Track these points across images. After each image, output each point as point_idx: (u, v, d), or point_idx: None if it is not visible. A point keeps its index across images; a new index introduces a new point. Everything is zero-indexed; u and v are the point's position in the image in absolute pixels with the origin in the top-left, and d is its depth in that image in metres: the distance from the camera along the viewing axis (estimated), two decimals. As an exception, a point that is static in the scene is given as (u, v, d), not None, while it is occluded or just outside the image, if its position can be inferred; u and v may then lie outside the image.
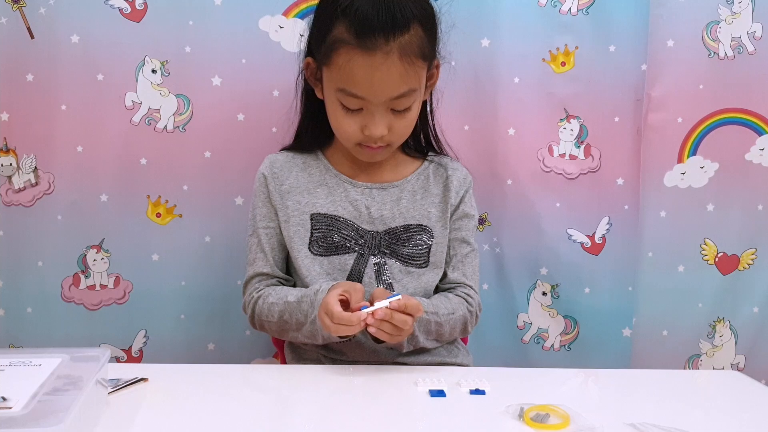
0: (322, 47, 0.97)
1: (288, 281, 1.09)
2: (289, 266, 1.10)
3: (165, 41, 1.22)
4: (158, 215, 1.28)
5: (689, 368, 1.43)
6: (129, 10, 1.21)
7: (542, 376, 1.01)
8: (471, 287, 1.09)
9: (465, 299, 1.07)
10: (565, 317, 1.38)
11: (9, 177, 1.23)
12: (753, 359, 1.44)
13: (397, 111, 0.99)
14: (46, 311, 1.26)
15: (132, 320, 1.30)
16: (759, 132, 1.37)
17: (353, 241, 1.05)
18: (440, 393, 0.84)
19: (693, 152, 1.36)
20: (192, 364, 0.96)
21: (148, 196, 1.27)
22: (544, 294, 1.37)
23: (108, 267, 1.27)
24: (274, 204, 1.07)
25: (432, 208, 1.09)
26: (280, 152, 1.13)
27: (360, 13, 0.92)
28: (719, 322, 1.42)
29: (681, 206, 1.38)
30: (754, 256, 1.41)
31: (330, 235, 1.05)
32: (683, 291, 1.40)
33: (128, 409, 0.77)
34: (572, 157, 1.34)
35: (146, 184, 1.26)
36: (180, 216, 1.28)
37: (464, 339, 1.16)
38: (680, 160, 1.36)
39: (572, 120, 1.33)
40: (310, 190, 1.08)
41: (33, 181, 1.23)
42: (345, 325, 0.88)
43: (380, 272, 1.05)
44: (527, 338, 1.39)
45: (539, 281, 1.37)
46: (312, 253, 1.05)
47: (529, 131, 1.32)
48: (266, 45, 1.24)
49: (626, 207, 1.35)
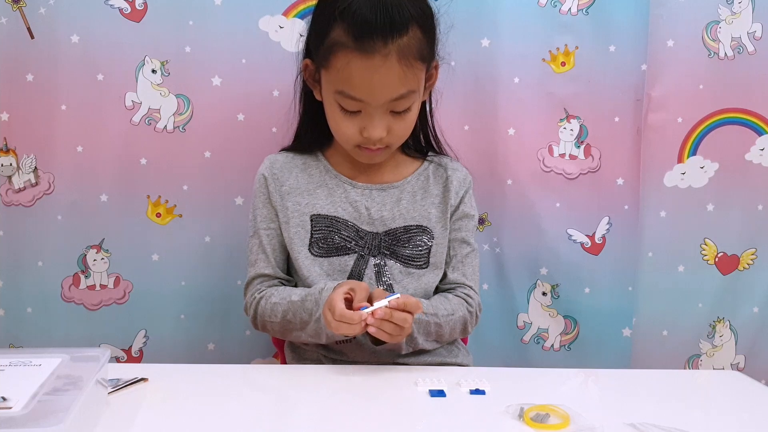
0: (320, 50, 0.97)
1: (289, 282, 1.09)
2: (291, 267, 1.10)
3: (165, 41, 1.22)
4: (158, 215, 1.28)
5: (689, 368, 1.42)
6: (129, 10, 1.21)
7: (542, 376, 1.01)
8: (471, 287, 1.09)
9: (465, 300, 1.07)
10: (565, 317, 1.38)
11: (9, 177, 1.23)
12: (753, 359, 1.44)
13: (396, 113, 0.99)
14: (46, 311, 1.26)
15: (132, 320, 1.30)
16: (759, 132, 1.37)
17: (353, 242, 1.05)
18: (440, 393, 0.84)
19: (693, 152, 1.36)
20: (192, 364, 0.96)
21: (148, 196, 1.27)
22: (544, 294, 1.37)
23: (108, 267, 1.27)
24: (275, 205, 1.07)
25: (432, 209, 1.09)
26: (280, 153, 1.13)
27: (358, 16, 0.91)
28: (719, 322, 1.42)
29: (681, 206, 1.38)
30: (754, 256, 1.41)
31: (330, 237, 1.05)
32: (683, 291, 1.40)
33: (128, 409, 0.77)
34: (572, 157, 1.34)
35: (146, 184, 1.26)
36: (180, 216, 1.28)
37: (464, 339, 1.16)
38: (680, 160, 1.36)
39: (572, 120, 1.33)
40: (310, 191, 1.08)
41: (33, 181, 1.23)
42: (346, 323, 0.88)
43: (380, 273, 1.05)
44: (527, 338, 1.39)
45: (539, 281, 1.37)
46: (312, 255, 1.05)
47: (529, 131, 1.32)
48: (266, 45, 1.24)
49: (626, 207, 1.35)
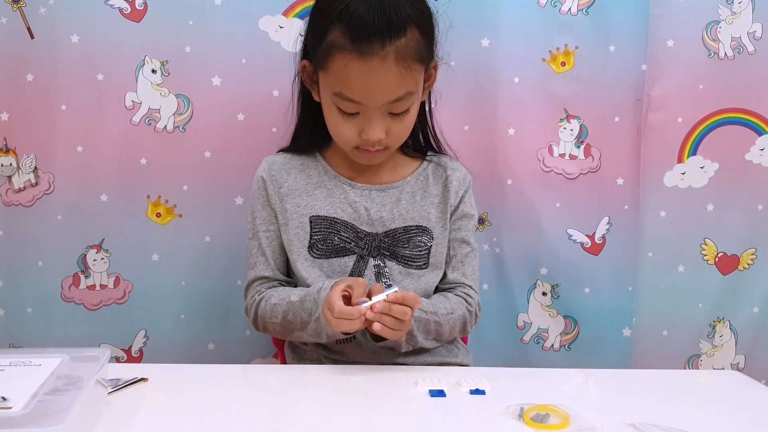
0: (318, 52, 0.97)
1: (289, 284, 1.09)
2: (290, 268, 1.10)
3: (165, 41, 1.22)
4: (158, 215, 1.28)
5: (689, 368, 1.42)
6: (129, 10, 1.21)
7: (542, 376, 1.01)
8: (470, 287, 1.09)
9: (464, 299, 1.07)
10: (565, 317, 1.38)
11: (9, 177, 1.23)
12: (753, 359, 1.44)
13: (395, 114, 0.98)
14: (46, 311, 1.26)
15: (132, 320, 1.30)
16: (759, 132, 1.37)
17: (353, 243, 1.05)
18: (440, 393, 0.84)
19: (693, 152, 1.36)
20: (192, 364, 0.96)
21: (148, 196, 1.27)
22: (544, 294, 1.37)
23: (108, 267, 1.27)
24: (273, 207, 1.07)
25: (431, 209, 1.09)
26: (278, 154, 1.12)
27: (355, 17, 0.91)
28: (719, 322, 1.42)
29: (681, 206, 1.38)
30: (754, 256, 1.41)
31: (329, 238, 1.05)
32: (683, 291, 1.40)
33: (128, 409, 0.77)
34: (572, 157, 1.34)
35: (146, 184, 1.26)
36: (180, 216, 1.28)
37: (464, 339, 1.16)
38: (680, 160, 1.36)
39: (572, 120, 1.33)
40: (309, 193, 1.07)
41: (33, 181, 1.23)
42: (346, 320, 0.88)
43: (380, 274, 1.05)
44: (527, 338, 1.39)
45: (539, 281, 1.37)
46: (312, 256, 1.05)
47: (529, 131, 1.32)
48: (266, 45, 1.24)
49: (626, 207, 1.35)
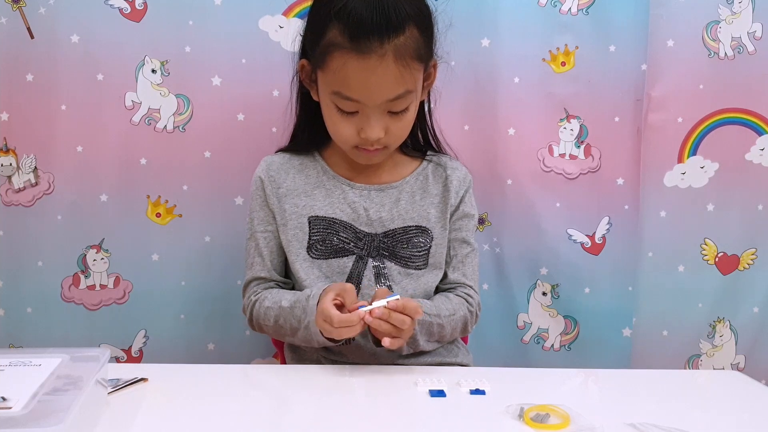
0: (316, 50, 0.96)
1: (286, 284, 1.09)
2: (288, 269, 1.10)
3: (165, 41, 1.22)
4: (158, 215, 1.28)
5: (689, 368, 1.42)
6: (129, 10, 1.21)
7: (542, 376, 1.01)
8: (471, 287, 1.09)
9: (465, 299, 1.07)
10: (565, 317, 1.38)
11: (9, 177, 1.23)
12: (753, 359, 1.44)
13: (394, 113, 0.98)
14: (46, 311, 1.26)
15: (132, 320, 1.29)
16: (759, 132, 1.37)
17: (352, 244, 1.05)
18: (440, 393, 0.84)
19: (693, 152, 1.36)
20: (192, 364, 0.96)
21: (148, 196, 1.27)
22: (544, 294, 1.37)
23: (108, 267, 1.27)
24: (272, 207, 1.07)
25: (431, 209, 1.08)
26: (277, 154, 1.12)
27: (354, 16, 0.90)
28: (719, 322, 1.42)
29: (681, 206, 1.38)
30: (754, 256, 1.41)
31: (328, 238, 1.04)
32: (683, 291, 1.40)
33: (128, 409, 0.77)
34: (572, 157, 1.34)
35: (146, 184, 1.26)
36: (180, 216, 1.28)
37: (464, 338, 1.16)
38: (680, 160, 1.36)
39: (572, 120, 1.33)
40: (308, 193, 1.07)
41: (33, 181, 1.23)
42: (347, 327, 0.88)
43: (379, 275, 1.04)
44: (527, 338, 1.39)
45: (539, 281, 1.37)
46: (311, 257, 1.05)
47: (529, 131, 1.32)
48: (266, 45, 1.24)
49: (626, 207, 1.35)
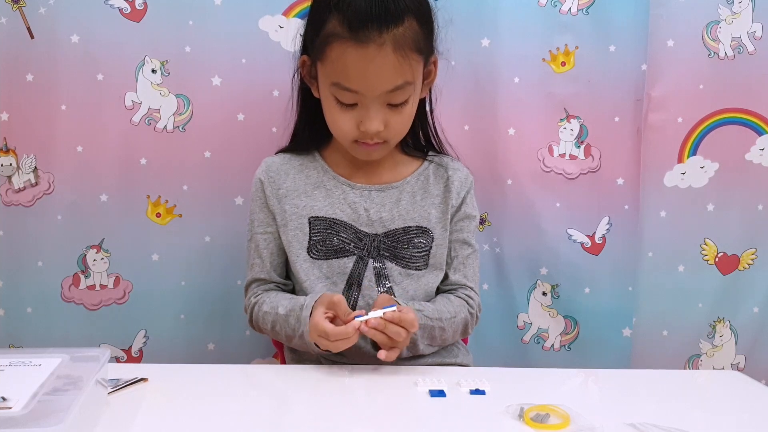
0: (316, 43, 0.97)
1: (286, 286, 1.09)
2: (289, 270, 1.10)
3: (165, 41, 1.22)
4: (158, 215, 1.28)
5: (689, 368, 1.42)
6: (129, 10, 1.21)
7: (542, 376, 1.01)
8: (472, 288, 1.09)
9: (466, 301, 1.07)
10: (565, 317, 1.38)
11: (9, 177, 1.23)
12: (753, 359, 1.44)
13: (393, 106, 0.98)
14: (46, 311, 1.26)
15: (132, 320, 1.29)
16: (759, 132, 1.37)
17: (352, 244, 1.05)
18: (440, 393, 0.84)
19: (693, 152, 1.36)
20: (192, 364, 0.96)
21: (148, 196, 1.27)
22: (544, 294, 1.37)
23: (108, 267, 1.27)
24: (272, 208, 1.07)
25: (432, 210, 1.08)
26: (277, 155, 1.12)
27: (353, 6, 0.91)
28: (719, 322, 1.42)
29: (681, 206, 1.37)
30: (754, 256, 1.41)
31: (329, 239, 1.04)
32: (683, 291, 1.40)
33: (128, 409, 0.77)
34: (572, 157, 1.34)
35: (146, 184, 1.26)
36: (180, 216, 1.28)
37: (464, 339, 1.16)
38: (680, 160, 1.36)
39: (572, 120, 1.33)
40: (308, 193, 1.07)
41: (33, 181, 1.23)
42: (343, 339, 0.88)
43: (380, 275, 1.04)
44: (527, 338, 1.39)
45: (539, 281, 1.37)
46: (311, 257, 1.05)
47: (529, 131, 1.32)
48: (266, 45, 1.24)
49: (626, 207, 1.35)
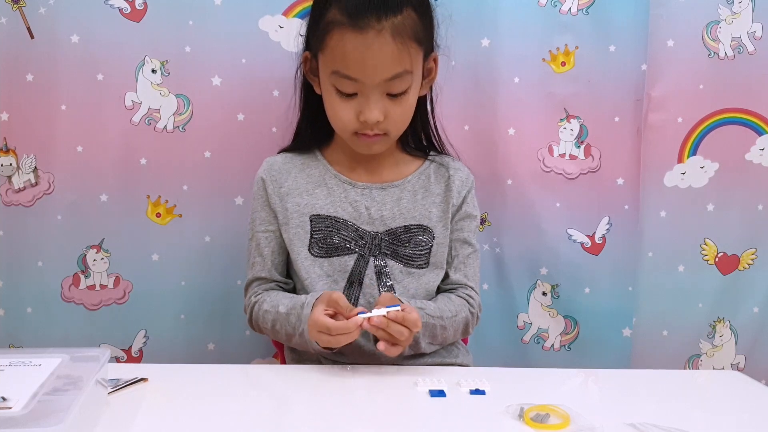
0: (317, 34, 0.98)
1: (287, 285, 1.09)
2: (290, 269, 1.10)
3: (165, 41, 1.22)
4: (158, 215, 1.28)
5: (689, 368, 1.42)
6: (129, 10, 1.21)
7: (542, 376, 1.01)
8: (472, 288, 1.10)
9: (467, 300, 1.07)
10: (565, 317, 1.38)
11: (9, 177, 1.23)
12: (753, 359, 1.44)
13: (393, 96, 0.99)
14: (46, 311, 1.26)
15: (132, 320, 1.29)
16: (759, 132, 1.37)
17: (353, 243, 1.05)
18: (440, 393, 0.84)
19: (693, 152, 1.36)
20: (192, 364, 0.96)
21: (148, 196, 1.27)
22: (544, 294, 1.37)
23: (108, 267, 1.27)
24: (273, 207, 1.07)
25: (433, 208, 1.09)
26: (279, 154, 1.13)
27: None
28: (719, 322, 1.42)
29: (681, 206, 1.37)
30: (754, 256, 1.41)
31: (330, 237, 1.05)
32: (683, 291, 1.39)
33: (128, 409, 0.77)
34: (572, 157, 1.34)
35: (146, 184, 1.26)
36: (180, 216, 1.28)
37: (464, 339, 1.16)
38: (680, 160, 1.36)
39: (572, 120, 1.33)
40: (310, 191, 1.07)
41: (33, 181, 1.23)
42: (344, 334, 0.88)
43: (381, 273, 1.05)
44: (527, 338, 1.39)
45: (539, 281, 1.37)
46: (312, 255, 1.05)
47: (529, 131, 1.32)
48: (266, 45, 1.24)
49: (626, 207, 1.35)
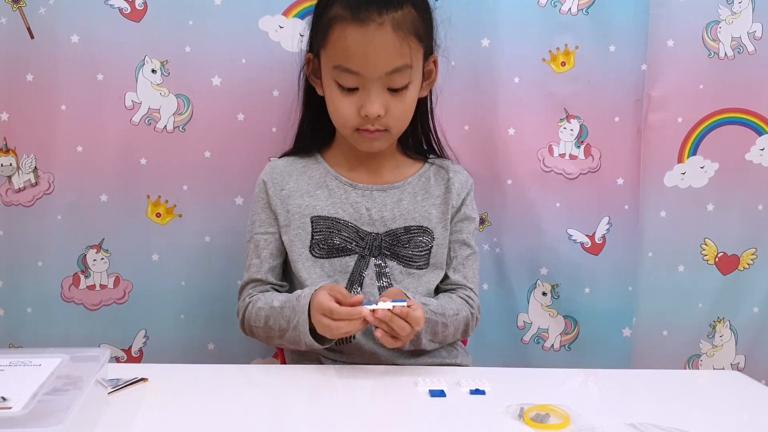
0: (320, 31, 1.00)
1: (282, 287, 1.09)
2: (286, 273, 1.10)
3: (165, 41, 1.22)
4: (158, 215, 1.28)
5: (689, 368, 1.42)
6: (129, 10, 1.21)
7: (542, 376, 1.01)
8: (472, 290, 1.10)
9: (467, 301, 1.07)
10: (565, 317, 1.38)
11: (9, 177, 1.23)
12: (753, 359, 1.44)
13: (394, 90, 1.00)
14: (46, 311, 1.26)
15: (132, 320, 1.29)
16: (759, 132, 1.37)
17: (354, 243, 1.05)
18: (440, 393, 0.84)
19: (693, 152, 1.36)
20: (192, 364, 0.96)
21: (148, 196, 1.27)
22: (544, 294, 1.37)
23: (108, 267, 1.27)
24: (274, 209, 1.08)
25: (432, 210, 1.09)
26: (281, 159, 1.14)
27: None
28: (719, 322, 1.42)
29: (681, 206, 1.37)
30: (754, 256, 1.41)
31: (330, 238, 1.05)
32: (683, 291, 1.39)
33: (128, 409, 0.77)
34: (572, 157, 1.34)
35: (146, 184, 1.26)
36: (180, 216, 1.28)
37: (463, 340, 1.16)
38: (680, 160, 1.36)
39: (572, 120, 1.33)
40: (311, 193, 1.08)
41: (33, 181, 1.23)
42: (346, 321, 0.87)
43: (381, 274, 1.05)
44: (527, 338, 1.39)
45: (539, 281, 1.37)
46: (313, 256, 1.05)
47: (529, 131, 1.32)
48: (266, 45, 1.24)
49: (626, 207, 1.35)
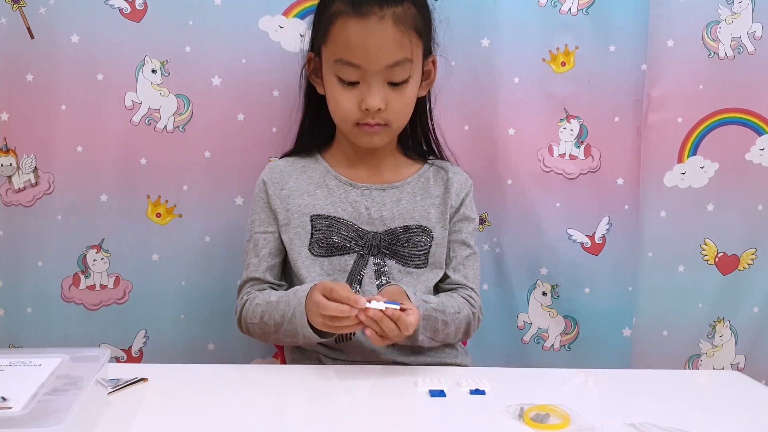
0: (321, 26, 1.01)
1: (280, 287, 1.09)
2: (285, 272, 1.10)
3: (165, 41, 1.22)
4: (158, 215, 1.28)
5: (689, 368, 1.42)
6: (129, 10, 1.21)
7: (542, 376, 1.01)
8: (472, 290, 1.10)
9: (468, 301, 1.07)
10: (565, 317, 1.38)
11: (9, 177, 1.23)
12: (753, 359, 1.44)
13: (394, 85, 1.00)
14: (46, 311, 1.26)
15: (132, 320, 1.29)
16: (759, 132, 1.37)
17: (353, 242, 1.05)
18: (440, 393, 0.84)
19: (693, 152, 1.36)
20: (192, 364, 0.96)
21: (148, 196, 1.27)
22: (544, 294, 1.37)
23: (108, 267, 1.27)
24: (274, 209, 1.08)
25: (432, 209, 1.09)
26: (281, 159, 1.15)
27: None
28: (719, 322, 1.42)
29: (681, 206, 1.37)
30: (754, 256, 1.41)
31: (330, 236, 1.05)
32: (683, 291, 1.39)
33: (128, 409, 0.77)
34: (572, 157, 1.34)
35: (146, 184, 1.26)
36: (180, 216, 1.28)
37: (464, 342, 1.16)
38: (680, 160, 1.36)
39: (572, 120, 1.33)
40: (310, 192, 1.08)
41: (33, 181, 1.23)
42: (339, 317, 0.87)
43: (380, 273, 1.05)
44: (527, 338, 1.39)
45: (539, 281, 1.37)
46: (312, 254, 1.05)
47: (529, 131, 1.32)
48: (266, 45, 1.24)
49: (626, 207, 1.35)
